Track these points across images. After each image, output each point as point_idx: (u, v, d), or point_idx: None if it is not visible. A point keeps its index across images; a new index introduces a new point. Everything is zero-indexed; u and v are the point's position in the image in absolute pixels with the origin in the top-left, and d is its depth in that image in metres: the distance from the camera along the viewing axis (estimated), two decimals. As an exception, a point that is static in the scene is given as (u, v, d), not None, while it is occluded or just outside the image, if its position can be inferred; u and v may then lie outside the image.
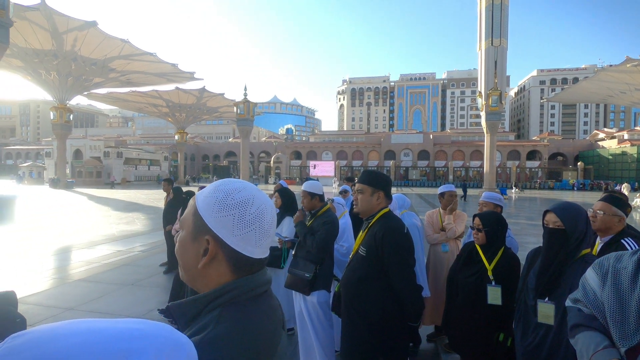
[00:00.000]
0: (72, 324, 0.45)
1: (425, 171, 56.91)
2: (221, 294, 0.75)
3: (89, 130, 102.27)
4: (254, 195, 0.81)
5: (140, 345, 0.45)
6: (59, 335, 0.42)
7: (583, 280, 1.30)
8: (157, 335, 0.48)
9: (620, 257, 1.20)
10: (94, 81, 37.93)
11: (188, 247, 0.79)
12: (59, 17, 28.82)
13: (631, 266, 1.13)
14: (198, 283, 0.80)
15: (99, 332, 0.44)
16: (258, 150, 71.32)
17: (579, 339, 1.23)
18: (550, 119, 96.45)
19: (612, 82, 36.86)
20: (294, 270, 3.16)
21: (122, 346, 0.44)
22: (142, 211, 16.87)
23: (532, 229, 12.50)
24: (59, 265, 7.02)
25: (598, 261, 1.26)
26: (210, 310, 0.74)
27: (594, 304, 1.22)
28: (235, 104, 37.96)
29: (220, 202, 0.77)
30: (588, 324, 1.22)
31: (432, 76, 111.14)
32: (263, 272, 0.83)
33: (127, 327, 0.47)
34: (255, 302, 0.78)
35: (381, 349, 2.16)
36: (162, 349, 0.47)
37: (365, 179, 2.31)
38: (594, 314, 1.22)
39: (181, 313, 0.76)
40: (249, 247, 0.78)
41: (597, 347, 1.14)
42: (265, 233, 0.80)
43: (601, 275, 1.21)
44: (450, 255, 4.05)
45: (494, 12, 31.43)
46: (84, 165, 46.60)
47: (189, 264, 0.79)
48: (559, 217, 1.84)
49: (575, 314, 1.30)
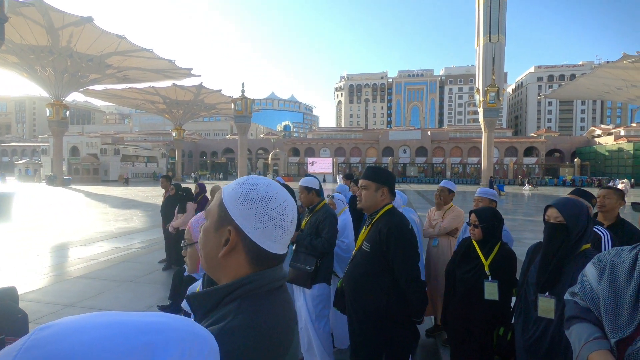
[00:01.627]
0: (95, 316, 0.45)
1: (423, 168, 57.02)
2: (240, 286, 0.77)
3: (86, 127, 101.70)
4: (277, 192, 0.84)
5: (164, 338, 0.45)
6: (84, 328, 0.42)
7: (582, 274, 1.33)
8: (180, 329, 0.48)
9: (620, 252, 1.23)
10: (90, 77, 37.67)
11: (211, 237, 0.83)
12: (54, 12, 28.55)
13: (629, 261, 1.16)
14: (217, 272, 0.83)
15: (123, 325, 0.44)
16: (256, 147, 71.19)
17: (573, 330, 1.26)
18: (547, 116, 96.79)
19: (609, 78, 36.96)
20: (295, 265, 3.19)
21: (145, 339, 0.44)
22: (140, 208, 16.83)
23: (530, 224, 12.58)
24: (57, 263, 7.00)
25: (598, 256, 1.29)
26: (228, 302, 0.76)
27: (590, 297, 1.25)
28: (232, 100, 37.89)
29: (245, 195, 0.81)
30: (583, 316, 1.25)
31: (430, 73, 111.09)
32: (280, 267, 0.85)
33: (149, 320, 0.47)
34: (272, 296, 0.80)
35: (384, 345, 2.17)
36: (185, 341, 0.47)
37: (370, 175, 2.31)
38: (590, 306, 1.25)
39: (200, 304, 0.78)
40: (268, 241, 0.80)
41: (588, 337, 1.17)
42: (285, 229, 0.83)
43: (599, 269, 1.24)
44: (439, 250, 4.11)
45: (492, 9, 31.42)
46: (81, 163, 46.38)
47: (211, 253, 0.83)
48: (560, 212, 1.85)
49: (572, 306, 1.33)
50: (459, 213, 4.20)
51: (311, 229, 3.23)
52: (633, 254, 1.17)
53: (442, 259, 4.06)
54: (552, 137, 62.00)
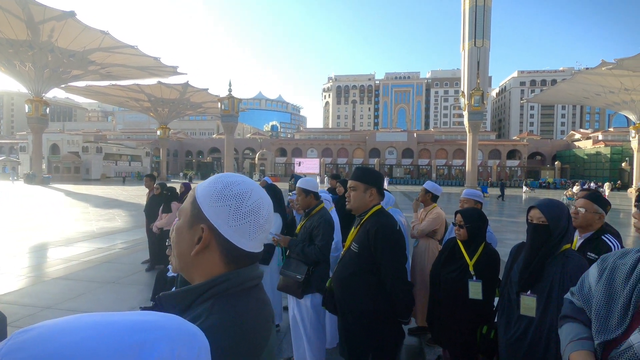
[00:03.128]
0: (80, 317, 0.43)
1: (409, 169, 57.62)
2: (213, 285, 0.75)
3: (67, 125, 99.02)
4: (252, 189, 0.82)
5: (153, 336, 0.44)
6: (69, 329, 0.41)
7: (585, 274, 1.32)
8: (169, 326, 0.47)
9: (625, 253, 1.20)
10: (72, 73, 36.69)
11: (184, 235, 0.81)
12: (34, 6, 27.72)
13: (630, 263, 1.14)
14: (190, 272, 0.81)
15: (110, 325, 0.43)
16: (243, 146, 70.62)
17: (564, 329, 1.27)
18: (529, 119, 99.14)
19: (588, 84, 38.14)
20: (285, 272, 3.03)
21: (134, 339, 0.42)
22: (123, 208, 16.47)
23: (513, 225, 12.85)
24: (35, 264, 6.79)
25: (603, 256, 1.26)
26: (202, 302, 0.74)
27: (586, 298, 1.24)
28: (219, 99, 37.52)
29: (219, 192, 0.79)
30: (575, 315, 1.26)
31: (417, 75, 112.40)
32: (255, 265, 0.84)
33: (137, 319, 0.46)
34: (247, 295, 0.78)
35: (371, 345, 2.18)
36: (175, 339, 0.46)
37: (358, 176, 2.30)
38: (584, 307, 1.24)
39: (173, 304, 0.75)
40: (243, 239, 0.79)
41: (574, 337, 1.19)
42: (260, 227, 0.81)
43: (600, 270, 1.22)
44: (419, 250, 4.14)
45: (477, 14, 32.00)
46: (61, 161, 45.18)
47: (183, 252, 0.80)
48: (543, 213, 1.90)
49: (567, 306, 1.33)
50: (437, 215, 4.15)
51: (305, 235, 3.06)
52: (636, 257, 1.14)
53: (418, 261, 4.09)
54: (534, 140, 63.57)
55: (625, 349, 1.03)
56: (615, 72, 32.42)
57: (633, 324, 1.05)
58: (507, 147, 57.27)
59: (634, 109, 37.49)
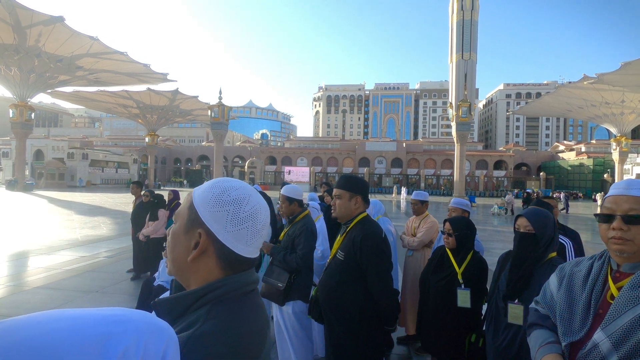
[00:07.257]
0: (47, 313, 0.44)
1: (398, 179, 58.06)
2: (210, 291, 0.74)
3: (52, 130, 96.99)
4: (250, 195, 0.82)
5: (120, 329, 0.44)
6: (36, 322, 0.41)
7: (546, 283, 1.41)
8: (137, 320, 0.47)
9: (579, 262, 1.32)
10: (59, 79, 36.13)
11: (180, 240, 0.80)
12: (22, 10, 27.33)
13: (585, 269, 1.25)
14: (186, 277, 0.80)
15: (78, 318, 0.43)
16: (232, 154, 70.25)
17: (532, 336, 1.35)
18: (515, 131, 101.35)
19: (571, 97, 39.32)
20: (267, 279, 3.02)
21: (101, 330, 0.43)
22: (109, 215, 16.14)
23: (498, 235, 13.01)
24: (14, 272, 6.56)
25: (561, 266, 1.38)
26: (199, 307, 0.73)
27: (550, 305, 1.33)
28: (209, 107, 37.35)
29: (217, 197, 0.78)
30: (541, 322, 1.34)
31: (406, 86, 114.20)
32: (251, 271, 0.83)
33: (105, 313, 0.46)
34: (243, 301, 0.78)
35: (358, 352, 2.16)
36: (143, 332, 0.46)
37: (343, 184, 2.30)
38: (548, 314, 1.33)
39: (168, 309, 0.74)
40: (239, 244, 0.79)
41: (543, 342, 1.26)
42: (257, 233, 0.81)
43: (560, 278, 1.33)
44: (413, 260, 4.18)
45: (464, 28, 32.79)
46: (46, 167, 44.17)
47: (179, 257, 0.80)
48: (530, 221, 1.94)
49: (533, 314, 1.41)
50: (432, 224, 4.25)
51: (287, 243, 3.05)
52: (589, 264, 1.26)
53: (414, 270, 4.11)
54: (520, 151, 64.90)
55: (591, 348, 1.10)
56: (597, 86, 33.51)
57: (594, 325, 1.14)
58: (494, 158, 58.32)
59: (615, 122, 38.72)
